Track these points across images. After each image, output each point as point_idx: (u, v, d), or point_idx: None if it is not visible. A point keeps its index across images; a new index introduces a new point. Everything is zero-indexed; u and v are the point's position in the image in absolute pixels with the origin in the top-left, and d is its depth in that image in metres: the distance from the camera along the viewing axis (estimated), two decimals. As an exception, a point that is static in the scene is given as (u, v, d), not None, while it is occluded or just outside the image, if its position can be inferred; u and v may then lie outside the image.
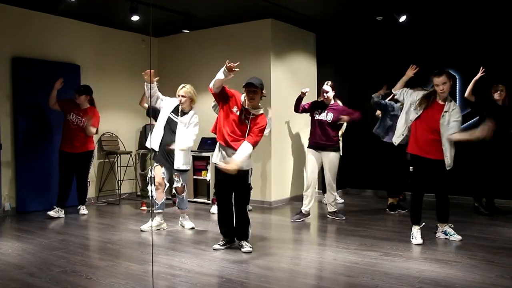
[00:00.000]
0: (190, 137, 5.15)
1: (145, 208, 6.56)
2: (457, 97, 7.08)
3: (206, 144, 7.10)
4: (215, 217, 5.96)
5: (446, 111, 4.49)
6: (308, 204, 5.75)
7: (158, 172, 5.12)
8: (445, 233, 4.75)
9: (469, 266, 3.83)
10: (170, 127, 5.15)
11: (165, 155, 5.12)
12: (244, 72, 7.23)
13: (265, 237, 5.01)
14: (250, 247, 4.35)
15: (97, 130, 6.29)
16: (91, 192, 7.25)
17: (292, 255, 4.36)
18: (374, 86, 7.45)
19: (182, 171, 5.21)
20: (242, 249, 4.33)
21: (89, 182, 6.53)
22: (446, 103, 4.53)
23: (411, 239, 4.60)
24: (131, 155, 7.62)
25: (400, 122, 4.84)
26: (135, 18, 6.16)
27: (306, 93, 5.85)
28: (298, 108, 5.89)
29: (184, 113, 5.20)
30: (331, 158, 5.70)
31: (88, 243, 4.97)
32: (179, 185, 5.22)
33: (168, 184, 5.19)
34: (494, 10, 6.59)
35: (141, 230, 5.22)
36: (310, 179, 5.76)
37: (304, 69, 7.73)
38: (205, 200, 7.09)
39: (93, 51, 7.31)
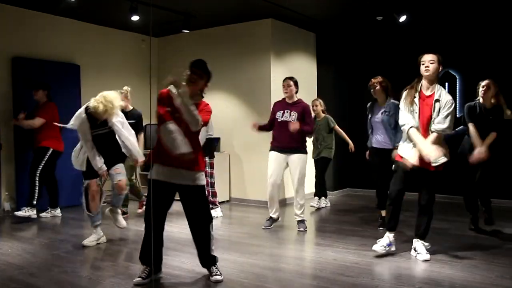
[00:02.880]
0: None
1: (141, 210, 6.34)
2: (457, 98, 7.09)
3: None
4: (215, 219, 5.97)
5: (437, 100, 3.87)
6: (277, 210, 5.41)
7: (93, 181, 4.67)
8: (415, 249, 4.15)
9: (469, 266, 3.83)
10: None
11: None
12: (244, 72, 7.27)
13: (265, 237, 5.01)
14: (220, 275, 3.54)
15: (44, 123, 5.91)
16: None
17: (292, 255, 4.35)
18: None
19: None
20: (212, 278, 3.52)
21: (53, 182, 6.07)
22: (436, 90, 3.90)
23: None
24: (131, 155, 7.61)
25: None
26: (135, 18, 6.17)
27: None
28: (266, 128, 5.44)
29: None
30: (298, 161, 5.20)
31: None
32: (122, 178, 4.76)
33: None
34: (494, 10, 6.59)
35: (84, 246, 4.63)
36: (270, 183, 5.33)
37: (304, 69, 7.72)
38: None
39: (93, 51, 7.30)
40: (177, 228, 5.38)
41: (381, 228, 5.20)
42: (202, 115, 3.36)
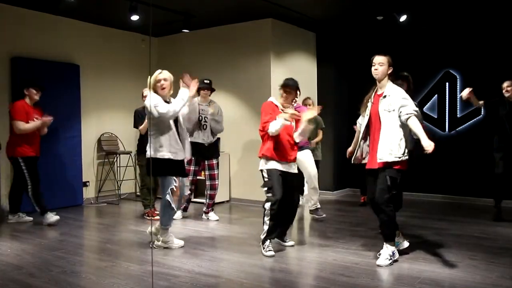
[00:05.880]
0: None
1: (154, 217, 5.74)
2: (458, 98, 7.08)
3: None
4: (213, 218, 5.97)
5: (386, 95, 3.88)
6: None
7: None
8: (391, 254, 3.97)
9: (470, 267, 3.82)
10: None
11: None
12: (244, 72, 7.27)
13: (265, 237, 5.00)
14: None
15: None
16: (91, 192, 7.25)
17: (292, 255, 4.34)
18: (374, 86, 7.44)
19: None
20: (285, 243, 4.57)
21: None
22: (386, 87, 3.93)
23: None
24: (130, 155, 7.61)
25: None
26: (135, 18, 6.16)
27: None
28: None
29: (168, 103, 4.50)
30: (306, 155, 5.71)
31: (87, 243, 4.97)
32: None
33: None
34: (494, 10, 6.58)
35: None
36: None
37: (304, 69, 7.72)
38: (204, 201, 7.07)
39: (93, 51, 7.30)
40: (177, 228, 5.38)
41: None
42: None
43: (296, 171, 4.47)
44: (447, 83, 7.17)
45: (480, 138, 6.71)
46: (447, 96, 7.17)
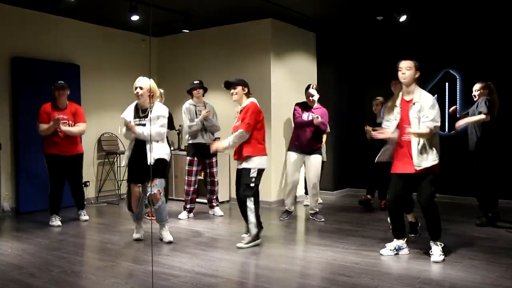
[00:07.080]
0: (155, 130, 4.47)
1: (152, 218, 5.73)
2: (458, 98, 7.08)
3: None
4: (215, 217, 5.98)
5: (416, 102, 3.94)
6: (292, 204, 6.00)
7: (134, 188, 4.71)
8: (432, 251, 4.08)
9: (470, 267, 3.82)
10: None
11: (138, 167, 4.55)
12: (244, 72, 7.25)
13: (265, 237, 5.00)
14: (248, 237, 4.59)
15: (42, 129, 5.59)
16: (91, 192, 7.25)
17: (292, 255, 4.35)
18: (374, 86, 7.44)
19: (158, 173, 4.56)
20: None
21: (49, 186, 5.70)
22: (415, 93, 3.98)
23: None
24: (131, 155, 7.61)
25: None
26: (135, 18, 6.16)
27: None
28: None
29: (144, 110, 4.56)
30: (316, 161, 5.77)
31: (87, 243, 4.98)
32: (155, 191, 4.49)
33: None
34: (494, 10, 6.58)
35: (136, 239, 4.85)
36: (291, 181, 5.83)
37: (304, 69, 7.72)
38: (204, 200, 7.07)
39: (93, 51, 7.30)
40: (176, 228, 5.38)
41: (412, 235, 4.81)
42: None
43: (242, 166, 4.58)
44: (447, 83, 7.17)
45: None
46: (447, 96, 7.17)
